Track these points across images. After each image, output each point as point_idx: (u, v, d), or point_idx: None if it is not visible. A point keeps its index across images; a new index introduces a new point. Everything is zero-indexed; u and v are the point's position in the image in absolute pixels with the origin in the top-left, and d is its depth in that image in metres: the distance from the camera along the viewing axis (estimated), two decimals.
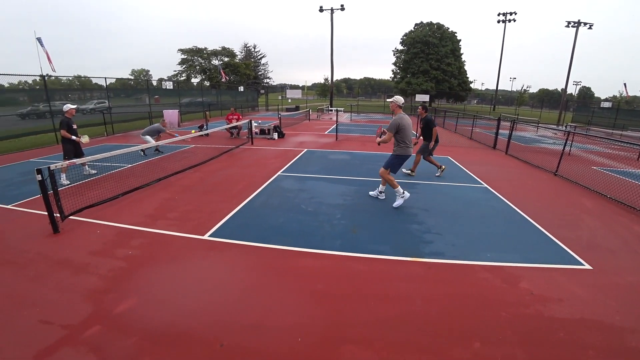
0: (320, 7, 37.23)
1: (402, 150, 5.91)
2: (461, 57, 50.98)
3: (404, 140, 5.85)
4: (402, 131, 5.82)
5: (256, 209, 5.85)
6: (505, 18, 47.79)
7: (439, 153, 11.73)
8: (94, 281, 3.68)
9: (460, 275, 3.86)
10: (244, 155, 10.83)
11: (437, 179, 8.09)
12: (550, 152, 12.29)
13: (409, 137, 5.87)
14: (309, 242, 4.61)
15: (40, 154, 11.27)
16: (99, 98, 21.96)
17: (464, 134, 17.32)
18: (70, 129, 7.60)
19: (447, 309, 3.24)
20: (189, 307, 3.25)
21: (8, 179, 7.99)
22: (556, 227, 5.29)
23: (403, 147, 5.88)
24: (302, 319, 3.08)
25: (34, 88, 16.34)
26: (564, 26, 34.01)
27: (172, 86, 24.71)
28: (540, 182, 8.27)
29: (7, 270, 3.94)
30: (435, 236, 4.87)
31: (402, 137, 5.84)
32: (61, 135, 7.63)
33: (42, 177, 4.62)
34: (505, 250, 4.48)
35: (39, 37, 15.94)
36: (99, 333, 2.89)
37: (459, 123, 19.37)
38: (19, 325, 3.00)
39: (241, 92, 37.63)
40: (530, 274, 3.90)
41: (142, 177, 7.60)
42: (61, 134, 7.61)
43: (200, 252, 4.36)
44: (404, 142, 5.86)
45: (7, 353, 2.69)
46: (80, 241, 4.66)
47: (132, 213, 5.67)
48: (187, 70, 50.42)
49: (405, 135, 5.84)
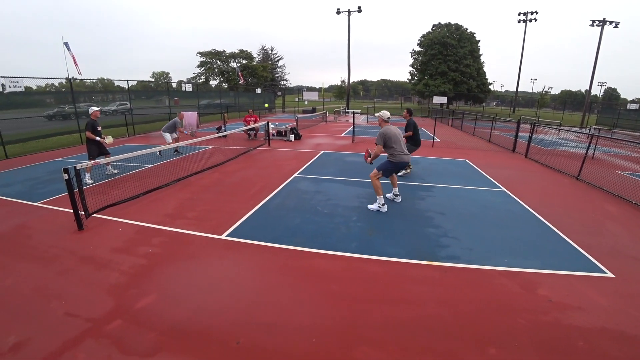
0: (338, 9, 37.31)
1: (397, 158, 5.90)
2: (480, 58, 50.21)
3: (396, 149, 5.86)
4: (390, 141, 5.83)
5: (273, 210, 5.94)
6: (526, 18, 46.73)
7: (453, 155, 11.60)
8: (116, 277, 3.84)
9: (476, 280, 3.83)
10: (261, 157, 10.97)
11: (455, 182, 8.01)
12: (572, 155, 11.97)
13: (400, 145, 5.88)
14: (325, 243, 4.66)
15: (66, 153, 11.73)
16: (121, 100, 22.64)
17: (482, 137, 17.04)
18: (95, 131, 7.95)
19: (463, 314, 3.23)
20: (207, 304, 3.35)
21: (36, 178, 8.36)
22: (577, 233, 5.18)
23: (397, 155, 5.88)
24: (317, 320, 3.12)
25: (60, 90, 16.98)
26: (588, 25, 33.04)
27: (191, 88, 25.25)
28: (561, 187, 8.08)
29: (36, 265, 4.14)
30: (451, 240, 4.84)
31: (393, 145, 5.86)
32: (86, 136, 7.99)
33: (68, 176, 4.82)
34: (523, 256, 4.41)
35: (66, 42, 16.56)
36: (120, 327, 3.02)
37: (478, 125, 19.08)
38: (47, 317, 3.17)
39: (258, 94, 38.04)
40: (549, 281, 3.84)
41: (163, 177, 7.82)
42: (86, 135, 7.97)
43: (217, 251, 4.47)
44: (396, 150, 5.87)
45: (36, 342, 2.85)
46: (103, 238, 4.85)
47: (152, 212, 5.85)
48: (205, 73, 51.26)
49: (396, 143, 5.85)
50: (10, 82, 11.04)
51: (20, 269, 4.05)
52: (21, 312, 3.25)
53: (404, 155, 5.90)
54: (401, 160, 5.91)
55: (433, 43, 48.11)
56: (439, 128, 19.95)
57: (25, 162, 10.40)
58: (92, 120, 7.97)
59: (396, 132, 5.94)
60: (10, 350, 2.74)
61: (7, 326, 3.04)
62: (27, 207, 6.22)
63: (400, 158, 5.89)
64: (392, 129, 5.94)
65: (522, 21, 47.25)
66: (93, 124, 7.94)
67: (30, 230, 5.18)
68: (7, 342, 2.83)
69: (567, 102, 64.71)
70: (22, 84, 11.43)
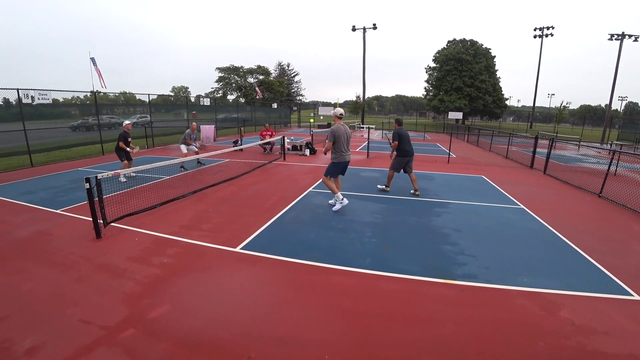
0: (353, 26, 37.91)
1: (338, 158, 6.48)
2: (496, 74, 49.96)
3: (340, 149, 6.44)
4: (336, 140, 6.40)
5: (287, 224, 5.95)
6: (542, 33, 46.51)
7: (469, 171, 11.45)
8: (130, 286, 3.89)
9: (494, 300, 3.73)
10: (277, 171, 11.06)
11: (471, 198, 7.88)
12: (593, 172, 11.64)
13: (344, 146, 6.45)
14: (339, 259, 4.62)
15: (88, 163, 12.11)
16: (141, 113, 23.30)
17: (499, 153, 16.80)
18: (126, 141, 8.93)
19: (480, 335, 3.13)
20: (220, 316, 3.35)
21: (58, 186, 8.66)
22: (601, 253, 5.00)
23: (338, 155, 6.45)
24: (329, 336, 3.08)
25: (85, 103, 17.60)
26: (607, 39, 32.59)
27: (209, 102, 25.79)
28: (582, 204, 7.86)
29: (55, 270, 4.26)
30: (468, 258, 4.74)
31: (338, 145, 6.43)
32: (119, 145, 8.96)
33: (89, 185, 4.96)
34: (543, 276, 4.28)
35: (92, 57, 17.23)
36: (133, 336, 3.05)
37: (494, 141, 18.83)
38: (62, 322, 3.24)
39: (274, 109, 38.60)
40: (571, 302, 3.70)
41: (179, 189, 7.95)
42: (119, 144, 8.94)
43: (232, 263, 4.48)
44: (339, 150, 6.44)
45: (50, 346, 2.91)
46: (120, 247, 4.94)
47: (168, 223, 5.93)
48: (223, 88, 52.48)
49: (340, 144, 6.42)
50: (40, 94, 11.55)
51: (39, 274, 4.16)
52: (38, 316, 3.33)
53: (345, 155, 6.49)
54: (342, 160, 6.51)
55: (448, 59, 48.18)
56: (454, 144, 19.78)
57: (49, 170, 10.78)
58: (125, 132, 8.96)
59: (344, 133, 6.48)
60: (25, 354, 2.80)
61: (24, 330, 3.11)
62: (49, 214, 6.42)
63: (342, 158, 6.49)
64: (342, 129, 6.48)
65: (538, 36, 47.00)
66: (125, 135, 8.93)
67: (51, 237, 5.34)
68: (23, 346, 2.89)
69: (587, 117, 63.41)
70: (50, 96, 11.94)
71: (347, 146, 6.55)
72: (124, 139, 8.96)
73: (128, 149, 9.04)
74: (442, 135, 32.75)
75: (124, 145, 8.95)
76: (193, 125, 11.57)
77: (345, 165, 6.65)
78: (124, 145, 8.94)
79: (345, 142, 6.49)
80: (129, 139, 9.13)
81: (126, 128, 9.14)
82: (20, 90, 10.95)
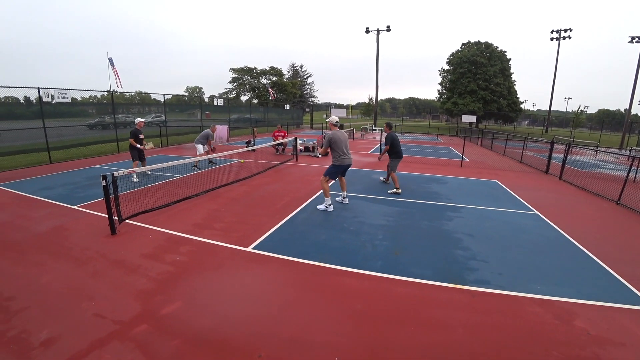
0: (367, 28, 37.84)
1: (339, 161, 6.71)
2: (511, 77, 49.25)
3: (339, 152, 6.65)
4: (335, 144, 6.64)
5: (299, 225, 5.97)
6: (559, 35, 45.60)
7: (483, 175, 11.31)
8: (144, 282, 3.96)
9: (506, 307, 3.68)
10: (289, 172, 11.12)
11: (484, 203, 7.79)
12: (611, 178, 11.36)
13: (343, 150, 6.67)
14: (350, 261, 4.62)
15: (104, 161, 12.38)
16: (156, 112, 23.68)
17: (513, 157, 16.55)
18: (137, 138, 8.97)
19: (492, 341, 3.10)
20: (231, 315, 3.38)
21: (75, 182, 8.89)
22: (618, 262, 4.88)
23: (338, 158, 6.69)
24: (340, 338, 3.08)
25: (102, 102, 17.99)
26: (627, 42, 31.80)
27: (222, 103, 26.07)
28: (599, 211, 7.68)
29: (71, 265, 4.37)
30: (480, 263, 4.68)
31: (337, 149, 6.66)
32: (130, 142, 8.97)
33: (106, 182, 5.07)
34: (558, 284, 4.20)
35: (110, 58, 17.63)
36: (146, 332, 3.11)
37: (508, 145, 18.55)
38: (77, 316, 3.32)
39: (287, 110, 38.78)
40: (586, 312, 3.62)
41: (192, 188, 8.05)
42: (130, 142, 8.96)
43: (243, 263, 4.52)
44: (339, 154, 6.67)
45: (66, 339, 2.99)
46: (134, 244, 5.04)
47: (181, 221, 6.01)
48: (237, 88, 52.91)
49: (339, 148, 6.64)
50: (59, 93, 11.85)
51: (56, 268, 4.28)
52: (54, 309, 3.43)
53: (346, 159, 6.71)
54: (343, 163, 6.72)
55: (462, 61, 47.69)
56: (467, 147, 19.55)
57: (67, 167, 11.06)
58: (136, 130, 9.01)
59: (341, 137, 6.71)
60: (41, 345, 2.89)
61: (41, 322, 3.20)
62: (66, 209, 6.58)
63: (342, 161, 6.70)
64: (338, 133, 6.74)
65: (555, 39, 46.13)
66: (136, 132, 8.98)
67: (68, 232, 5.48)
68: (40, 337, 2.98)
69: (605, 121, 61.97)
70: (69, 95, 12.25)
71: (346, 150, 6.77)
72: (135, 135, 9.01)
73: (139, 146, 9.10)
74: (455, 138, 32.41)
75: (134, 142, 9.01)
76: (214, 127, 11.78)
77: (346, 168, 6.90)
78: (134, 142, 9.01)
79: (344, 146, 6.71)
80: (141, 135, 9.17)
81: (138, 125, 9.18)
82: (40, 89, 11.25)
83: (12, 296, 3.63)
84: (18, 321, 3.20)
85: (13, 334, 3.03)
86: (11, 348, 2.85)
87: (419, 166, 13.22)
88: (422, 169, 12.60)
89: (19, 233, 5.41)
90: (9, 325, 3.14)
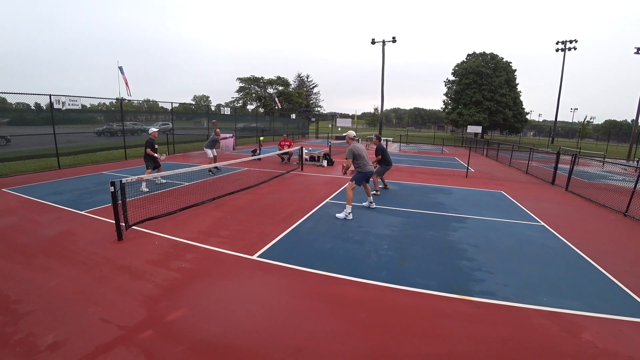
0: (373, 39, 38.09)
1: (363, 169, 7.26)
2: (516, 88, 49.29)
3: (362, 162, 7.23)
4: (357, 156, 7.19)
5: (304, 234, 5.98)
6: (564, 46, 45.70)
7: (488, 186, 11.26)
8: (149, 288, 3.99)
9: (512, 319, 3.64)
10: (294, 181, 11.16)
11: (490, 214, 7.75)
12: (618, 189, 11.23)
13: (365, 159, 7.27)
14: (355, 270, 4.61)
15: (112, 167, 12.53)
16: (163, 120, 23.98)
17: (519, 168, 16.48)
18: (153, 148, 9.06)
19: (497, 353, 3.07)
20: (236, 323, 3.39)
21: (83, 188, 8.99)
22: (626, 274, 4.82)
23: (363, 166, 7.25)
24: (344, 347, 3.07)
25: (110, 109, 18.27)
26: (633, 52, 31.78)
27: (229, 112, 26.32)
28: (606, 223, 7.61)
29: (78, 270, 4.41)
30: (486, 274, 4.65)
31: (359, 159, 7.22)
32: (147, 152, 9.07)
33: (114, 188, 5.13)
34: (564, 296, 4.16)
35: (120, 66, 17.92)
36: (151, 337, 3.12)
37: (514, 156, 18.48)
38: (84, 320, 3.35)
39: (293, 119, 39.02)
40: (593, 324, 3.58)
41: (198, 196, 8.11)
42: (147, 151, 9.05)
43: (248, 271, 4.53)
44: (362, 163, 7.24)
45: (72, 343, 3.01)
46: (140, 250, 5.07)
47: (187, 228, 6.05)
48: (244, 98, 53.37)
49: (362, 158, 7.23)
50: (70, 100, 12.06)
51: (63, 273, 4.32)
52: (61, 313, 3.45)
53: (368, 166, 7.29)
54: (367, 170, 7.27)
55: (467, 72, 47.86)
56: (473, 158, 19.51)
57: (75, 173, 11.21)
58: (151, 140, 9.11)
59: (361, 148, 7.34)
60: (47, 349, 2.91)
61: (47, 325, 3.23)
62: (74, 215, 6.65)
63: (367, 168, 7.26)
64: (358, 145, 7.35)
65: (560, 50, 46.21)
66: (152, 142, 9.08)
67: (75, 237, 5.53)
68: (46, 341, 3.01)
69: (612, 132, 61.56)
70: (79, 102, 12.46)
71: (367, 159, 7.35)
72: (151, 146, 9.09)
73: (156, 155, 9.18)
74: (460, 149, 32.36)
75: (152, 152, 9.08)
76: (217, 131, 11.90)
77: (370, 174, 7.37)
78: (152, 153, 9.07)
79: (365, 156, 7.30)
80: (156, 145, 9.26)
81: (152, 135, 9.26)
82: (52, 96, 11.47)
83: (19, 299, 3.67)
84: (24, 324, 3.23)
85: (20, 337, 3.05)
86: (17, 351, 2.87)
87: (424, 176, 13.20)
88: (427, 179, 12.59)
89: (27, 237, 5.47)
90: (16, 328, 3.17)
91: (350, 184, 7.18)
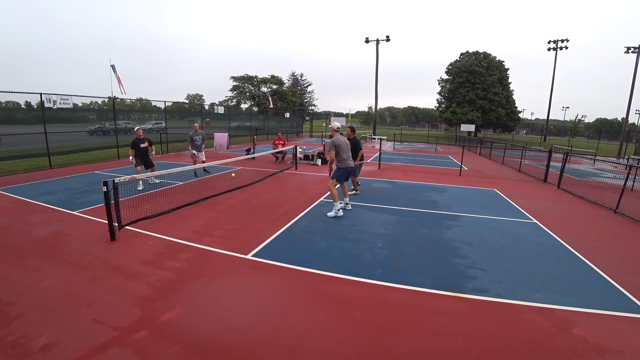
0: (366, 38, 38.21)
1: (342, 164, 7.02)
2: (509, 86, 49.66)
3: (342, 156, 7.00)
4: (338, 148, 6.95)
5: (298, 233, 5.98)
6: (556, 46, 46.13)
7: (481, 184, 11.36)
8: (143, 288, 3.96)
9: (505, 315, 3.68)
10: (288, 180, 11.14)
11: (483, 212, 7.82)
12: (609, 187, 11.40)
13: (345, 153, 7.04)
14: (349, 269, 4.62)
15: (104, 167, 12.41)
16: (157, 119, 23.81)
17: (512, 166, 16.63)
18: (136, 148, 8.99)
19: (490, 350, 3.10)
20: (230, 322, 3.38)
21: (76, 188, 8.89)
22: (616, 270, 4.89)
23: (342, 161, 7.01)
24: (339, 346, 3.08)
25: (103, 108, 18.11)
26: (623, 52, 32.19)
27: (223, 110, 26.19)
28: (597, 220, 7.72)
29: (71, 271, 4.36)
30: (479, 272, 4.69)
31: (340, 153, 6.99)
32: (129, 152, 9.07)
33: (107, 188, 5.08)
34: (556, 292, 4.21)
35: (113, 65, 17.76)
36: (145, 338, 3.10)
37: (507, 154, 18.65)
38: (77, 321, 3.32)
39: (287, 118, 38.95)
40: (585, 320, 3.63)
41: (192, 195, 8.07)
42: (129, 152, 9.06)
43: (243, 270, 4.52)
44: (342, 157, 7.00)
45: (65, 344, 2.98)
46: (133, 250, 5.04)
47: (181, 228, 6.02)
48: (237, 96, 53.11)
49: (342, 151, 6.99)
50: (62, 99, 11.92)
51: (56, 273, 4.28)
52: (53, 314, 3.42)
53: (349, 162, 7.08)
54: (347, 166, 7.06)
55: (461, 71, 48.12)
56: (466, 156, 19.64)
57: (67, 172, 11.09)
58: (137, 140, 9.05)
59: (344, 141, 7.12)
60: (40, 350, 2.88)
61: (40, 327, 3.20)
62: (66, 215, 6.59)
63: (347, 164, 7.05)
64: (341, 139, 7.10)
65: (552, 49, 46.64)
66: (136, 142, 9.01)
67: (68, 237, 5.48)
68: (38, 343, 2.97)
69: (603, 130, 62.33)
70: (71, 101, 12.32)
71: (349, 154, 7.16)
72: (134, 145, 9.01)
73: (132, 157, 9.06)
74: (454, 147, 32.56)
75: (132, 151, 9.01)
76: (195, 125, 11.69)
77: (350, 170, 7.19)
78: (131, 152, 9.01)
79: (346, 150, 7.07)
80: (142, 145, 9.15)
81: (137, 134, 9.13)
82: (43, 95, 11.32)
83: (11, 301, 3.63)
84: (17, 326, 3.20)
85: (12, 339, 3.02)
86: (9, 354, 2.84)
87: (417, 175, 13.27)
88: (421, 177, 12.65)
89: (19, 237, 5.41)
90: (8, 330, 3.13)
91: (332, 182, 7.10)
